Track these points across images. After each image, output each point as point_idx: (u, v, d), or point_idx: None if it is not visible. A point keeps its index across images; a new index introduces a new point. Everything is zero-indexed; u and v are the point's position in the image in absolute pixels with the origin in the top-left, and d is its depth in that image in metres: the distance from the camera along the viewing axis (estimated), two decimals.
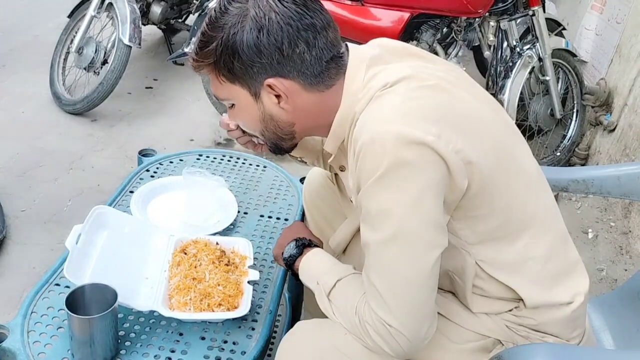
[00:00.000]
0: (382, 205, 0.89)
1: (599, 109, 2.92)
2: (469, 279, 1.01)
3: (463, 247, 0.99)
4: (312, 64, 0.96)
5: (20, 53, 3.68)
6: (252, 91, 0.99)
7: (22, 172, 2.55)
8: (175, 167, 1.62)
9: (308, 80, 0.97)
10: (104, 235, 1.20)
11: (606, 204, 2.69)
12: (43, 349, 1.04)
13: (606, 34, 3.02)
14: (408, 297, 0.91)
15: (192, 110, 3.27)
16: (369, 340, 0.96)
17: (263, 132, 1.06)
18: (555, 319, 1.03)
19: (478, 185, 0.93)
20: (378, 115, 0.91)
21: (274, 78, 0.96)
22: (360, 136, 0.90)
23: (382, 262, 0.91)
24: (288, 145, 1.09)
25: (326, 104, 1.00)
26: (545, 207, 1.04)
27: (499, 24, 2.74)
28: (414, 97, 0.91)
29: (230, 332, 1.11)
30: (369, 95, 0.94)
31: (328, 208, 1.40)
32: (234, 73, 0.97)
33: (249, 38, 0.93)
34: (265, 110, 1.01)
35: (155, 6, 3.47)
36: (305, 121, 1.03)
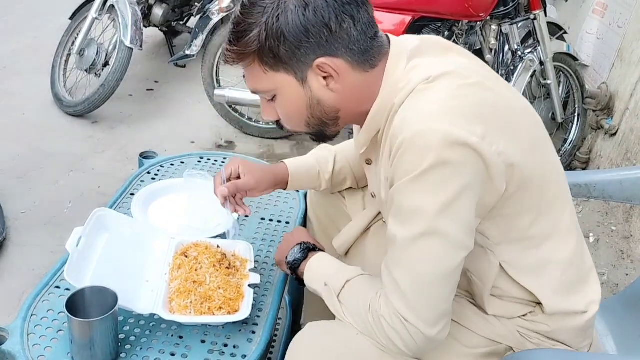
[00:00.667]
0: (416, 203, 0.88)
1: (600, 113, 2.92)
2: (489, 280, 1.01)
3: (489, 247, 0.99)
4: (358, 39, 0.93)
5: (21, 54, 3.68)
6: (299, 76, 0.95)
7: (23, 173, 2.55)
8: (176, 170, 1.61)
9: (355, 57, 0.94)
10: (104, 237, 1.19)
11: (607, 208, 2.69)
12: (43, 351, 1.03)
13: (607, 38, 3.02)
14: (429, 295, 0.91)
15: (193, 113, 3.27)
16: (382, 337, 0.96)
17: (309, 119, 1.01)
18: (569, 327, 1.03)
19: (516, 186, 0.92)
20: (422, 112, 0.89)
21: (324, 57, 0.93)
22: (402, 131, 0.88)
23: (407, 258, 0.91)
24: (332, 132, 1.06)
25: (369, 88, 0.98)
26: (571, 210, 1.04)
27: (501, 27, 2.74)
28: (459, 94, 0.90)
29: (231, 336, 1.11)
30: (410, 88, 0.93)
31: (333, 208, 1.40)
32: (279, 59, 0.93)
33: (294, 18, 0.90)
34: (313, 94, 0.97)
35: (156, 8, 3.47)
36: (350, 105, 1.00)
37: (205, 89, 3.01)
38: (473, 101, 0.91)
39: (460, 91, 0.90)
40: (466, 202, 0.88)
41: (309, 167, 1.32)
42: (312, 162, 1.33)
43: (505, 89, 1.01)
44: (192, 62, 3.16)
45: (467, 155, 0.86)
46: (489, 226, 0.96)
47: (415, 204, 0.88)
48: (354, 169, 1.34)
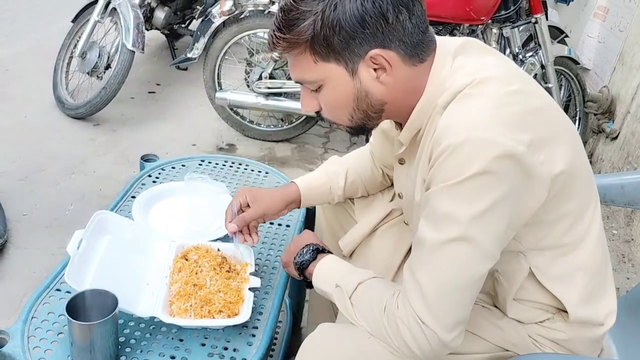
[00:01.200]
0: (452, 208, 0.88)
1: (601, 117, 2.92)
2: (516, 283, 1.01)
3: (522, 252, 0.99)
4: (412, 32, 0.92)
5: (23, 57, 3.69)
6: (350, 67, 0.94)
7: (24, 176, 2.55)
8: (177, 173, 1.61)
9: (407, 50, 0.93)
10: (105, 240, 1.19)
11: (608, 212, 2.68)
12: (43, 354, 1.03)
13: (609, 42, 3.02)
14: (450, 300, 0.91)
15: (195, 116, 3.27)
16: (396, 339, 0.95)
17: (353, 112, 0.99)
18: (585, 338, 1.03)
19: (557, 192, 0.92)
20: (470, 119, 0.88)
21: (378, 49, 0.91)
22: (447, 137, 0.87)
23: (433, 261, 0.91)
24: (373, 124, 1.03)
25: (416, 82, 0.96)
26: (599, 217, 1.04)
27: (502, 31, 2.74)
28: (505, 102, 0.89)
29: (231, 339, 1.11)
30: (455, 90, 0.92)
31: (342, 212, 1.39)
32: (332, 49, 0.91)
33: (352, 7, 0.88)
34: (362, 86, 0.95)
35: (158, 11, 3.48)
36: (396, 99, 0.98)
37: (207, 91, 3.01)
38: (519, 109, 0.90)
39: (506, 99, 0.90)
40: (501, 213, 0.88)
41: (320, 183, 1.32)
42: (323, 179, 1.32)
43: (543, 91, 1.00)
44: (193, 65, 3.16)
45: (510, 166, 0.85)
46: (525, 232, 0.96)
47: (450, 210, 0.88)
48: (364, 180, 1.34)
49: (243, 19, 2.81)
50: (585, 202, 1.00)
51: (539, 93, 0.98)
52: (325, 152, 3.01)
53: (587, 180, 1.01)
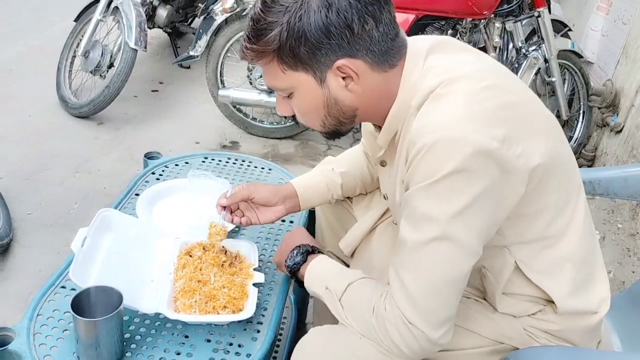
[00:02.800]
0: (430, 208, 0.88)
1: (605, 110, 2.91)
2: (503, 278, 1.01)
3: (506, 246, 0.99)
4: (380, 41, 0.92)
5: (27, 57, 3.70)
6: (318, 76, 0.94)
7: (29, 175, 2.56)
8: (180, 170, 1.62)
9: (375, 58, 0.93)
10: (109, 238, 1.20)
11: (613, 205, 2.67)
12: (49, 351, 1.04)
13: (612, 35, 3.01)
14: (436, 299, 0.91)
15: (198, 113, 3.27)
16: (386, 339, 0.96)
17: (325, 118, 1.01)
18: (579, 327, 1.03)
19: (535, 186, 0.92)
20: (443, 118, 0.88)
21: (344, 59, 0.92)
22: (422, 137, 0.88)
23: (416, 261, 0.91)
24: (347, 129, 1.05)
25: (387, 88, 0.97)
26: (585, 208, 1.04)
27: (505, 25, 2.73)
28: (477, 99, 0.89)
29: (236, 335, 1.11)
30: (427, 91, 0.92)
31: (340, 210, 1.40)
32: (299, 59, 0.92)
33: (317, 18, 0.88)
34: (331, 94, 0.97)
35: (160, 10, 3.49)
36: (368, 105, 0.99)
37: (210, 89, 3.02)
38: (491, 105, 0.90)
39: (477, 96, 0.90)
40: (480, 210, 0.88)
41: (316, 182, 1.32)
42: (318, 178, 1.32)
43: (519, 85, 1.00)
44: (196, 62, 3.17)
45: (486, 162, 0.86)
46: (507, 226, 0.96)
47: (429, 209, 0.88)
48: (361, 177, 1.34)
49: (245, 16, 2.81)
50: (567, 194, 0.99)
51: (513, 88, 0.97)
52: (328, 149, 3.01)
53: (569, 171, 1.00)
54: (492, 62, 1.03)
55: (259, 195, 1.24)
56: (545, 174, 0.93)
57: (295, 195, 1.29)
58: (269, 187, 1.27)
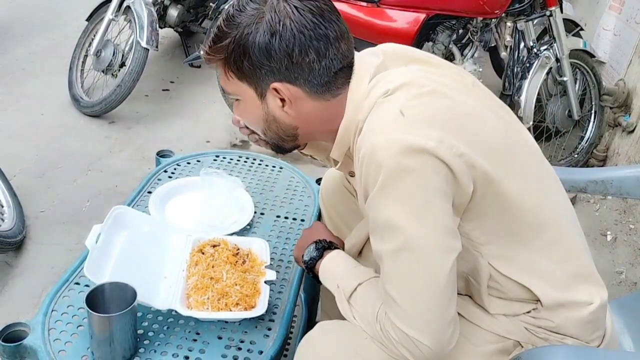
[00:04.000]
0: (388, 215, 0.89)
1: (617, 110, 2.89)
2: (483, 280, 1.01)
3: (475, 249, 0.98)
4: (320, 73, 0.96)
5: (39, 56, 3.73)
6: (259, 91, 1.00)
7: (41, 173, 2.58)
8: (192, 168, 1.63)
9: (314, 88, 0.98)
10: (123, 235, 1.21)
11: (625, 206, 2.66)
12: (63, 346, 1.05)
13: (625, 34, 2.99)
14: (427, 306, 0.90)
15: (209, 113, 3.29)
16: (391, 346, 0.96)
17: (265, 131, 1.07)
18: (574, 320, 1.02)
19: (484, 187, 0.92)
20: (378, 125, 0.91)
21: (281, 83, 0.97)
22: (362, 146, 0.91)
23: (396, 272, 0.91)
24: (290, 146, 1.10)
25: (330, 112, 1.01)
26: (562, 211, 1.03)
27: (516, 24, 2.72)
28: (414, 104, 0.91)
29: (248, 332, 1.12)
30: (371, 103, 0.95)
31: (345, 207, 1.40)
32: (242, 71, 0.98)
33: (261, 41, 0.94)
34: (269, 111, 1.02)
35: (172, 9, 3.50)
36: (309, 126, 1.04)
37: (220, 88, 3.02)
38: (428, 108, 0.92)
39: (415, 100, 0.92)
40: (438, 205, 0.88)
41: None
42: None
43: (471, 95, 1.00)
44: None
45: (425, 160, 0.86)
46: (470, 228, 0.96)
47: (388, 217, 0.89)
48: None
49: None
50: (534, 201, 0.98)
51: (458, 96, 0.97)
52: None
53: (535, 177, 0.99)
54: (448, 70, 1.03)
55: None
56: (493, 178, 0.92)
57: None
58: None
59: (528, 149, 1.04)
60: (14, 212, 2.16)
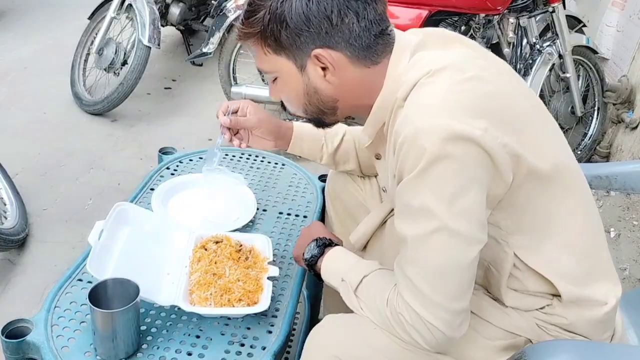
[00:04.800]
0: (424, 200, 0.88)
1: (620, 107, 2.88)
2: (505, 271, 1.00)
3: (503, 238, 0.98)
4: (360, 35, 0.94)
5: (41, 55, 3.74)
6: (298, 63, 0.98)
7: (44, 171, 2.59)
8: (195, 165, 1.63)
9: (355, 52, 0.95)
10: (125, 231, 1.21)
11: (629, 202, 2.65)
12: (66, 342, 1.05)
13: (628, 31, 2.98)
14: (445, 292, 0.90)
15: (211, 111, 3.28)
16: (403, 332, 0.95)
17: (306, 106, 1.04)
18: (587, 319, 1.02)
19: (522, 176, 0.92)
20: (423, 108, 0.89)
21: (322, 49, 0.94)
22: (404, 128, 0.88)
23: (420, 256, 0.91)
24: (330, 120, 1.07)
25: (370, 82, 0.99)
26: (587, 203, 1.03)
27: (519, 20, 2.71)
28: (459, 89, 0.90)
29: (251, 328, 1.12)
30: (411, 82, 0.93)
31: (352, 201, 1.40)
32: (280, 43, 0.96)
33: (297, 6, 0.92)
34: (310, 83, 0.99)
35: (173, 7, 3.50)
36: (349, 98, 1.01)
37: (222, 86, 3.02)
38: (474, 94, 0.90)
39: (459, 86, 0.90)
40: (474, 196, 0.88)
41: (314, 135, 1.36)
42: (320, 134, 1.36)
43: (506, 80, 1.00)
44: (209, 60, 3.17)
45: (470, 149, 0.85)
46: (501, 217, 0.96)
47: (423, 202, 0.88)
48: (359, 153, 1.35)
49: None
50: (564, 188, 0.98)
51: (499, 79, 0.97)
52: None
53: (565, 166, 0.99)
54: (482, 54, 1.03)
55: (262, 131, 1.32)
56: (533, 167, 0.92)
57: (289, 138, 1.37)
58: (272, 125, 1.33)
59: (559, 136, 1.04)
60: (16, 210, 2.16)
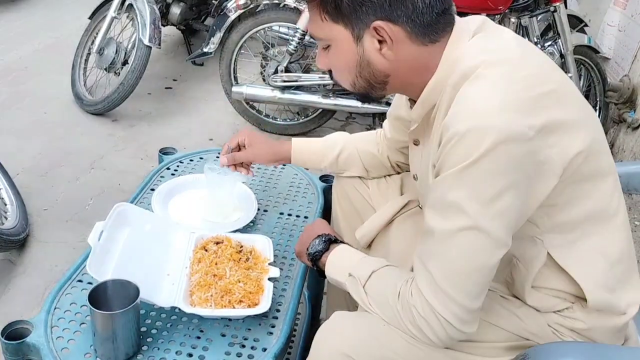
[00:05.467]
0: (460, 196, 0.87)
1: (622, 106, 2.88)
2: (535, 269, 1.00)
3: (538, 236, 0.97)
4: (423, 12, 0.92)
5: (42, 55, 3.73)
6: (355, 33, 0.95)
7: (45, 171, 2.58)
8: (195, 165, 1.62)
9: (416, 29, 0.93)
10: (125, 232, 1.20)
11: (630, 203, 2.64)
12: (66, 344, 1.04)
13: (629, 30, 2.97)
14: (462, 289, 0.90)
15: (211, 110, 3.28)
16: (412, 326, 0.95)
17: (355, 78, 1.01)
18: (606, 327, 1.01)
19: (570, 176, 0.91)
20: (478, 105, 0.87)
21: (382, 21, 0.92)
22: (456, 123, 0.87)
23: (444, 251, 0.90)
24: (378, 94, 1.05)
25: (425, 61, 0.97)
26: (623, 204, 1.02)
27: (520, 20, 2.71)
28: (516, 88, 0.88)
29: (251, 329, 1.11)
30: (466, 71, 0.91)
31: (359, 200, 1.39)
32: (340, 10, 0.93)
33: None
34: (365, 55, 0.97)
35: (174, 7, 3.50)
36: (401, 74, 0.99)
37: (223, 86, 3.02)
38: (529, 94, 0.88)
39: (517, 84, 0.88)
40: (511, 200, 0.87)
41: (314, 149, 1.37)
42: (319, 144, 1.37)
43: (559, 74, 0.98)
44: (209, 59, 3.17)
45: (519, 152, 0.85)
46: (540, 215, 0.95)
47: (459, 198, 0.87)
48: (364, 158, 1.35)
49: (258, 12, 2.81)
50: (605, 186, 0.98)
51: (555, 76, 0.95)
52: None
53: (606, 165, 0.99)
54: (532, 48, 1.01)
55: (258, 160, 1.38)
56: (582, 165, 0.92)
57: (289, 154, 1.38)
58: (268, 155, 1.38)
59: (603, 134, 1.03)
60: (17, 210, 2.16)
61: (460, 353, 1.02)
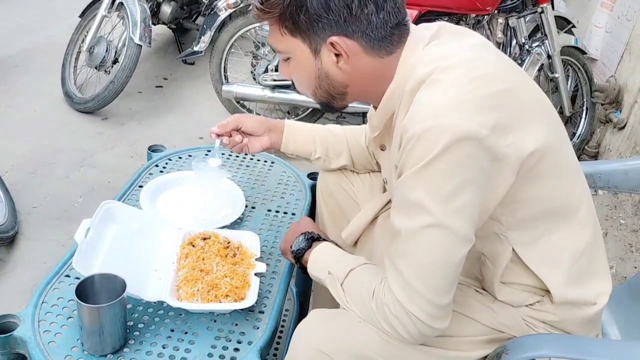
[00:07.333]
0: (420, 195, 0.89)
1: (608, 107, 2.91)
2: (501, 265, 1.02)
3: (502, 233, 0.99)
4: (378, 27, 0.95)
5: (32, 53, 3.72)
6: (313, 47, 0.99)
7: (34, 169, 2.58)
8: (184, 163, 1.63)
9: (371, 43, 0.97)
10: (112, 229, 1.21)
11: (616, 201, 2.68)
12: (53, 337, 1.05)
13: (616, 31, 3.01)
14: (432, 285, 0.92)
15: (202, 109, 3.29)
16: (386, 324, 0.97)
17: (316, 89, 1.05)
18: (577, 318, 1.03)
19: (528, 173, 0.93)
20: (433, 106, 0.89)
21: (338, 36, 0.96)
22: (412, 125, 0.89)
23: (411, 249, 0.92)
24: (339, 105, 1.09)
25: (382, 72, 1.00)
26: (587, 199, 1.05)
27: (508, 21, 2.73)
28: (469, 88, 0.90)
29: (238, 323, 1.12)
30: (421, 77, 0.93)
31: (344, 198, 1.41)
32: (297, 26, 0.97)
33: None
34: (323, 67, 1.01)
35: (165, 6, 3.50)
36: (359, 85, 1.03)
37: (213, 85, 3.03)
38: (482, 93, 0.91)
39: (469, 85, 0.91)
40: (471, 196, 0.89)
41: (307, 132, 1.38)
42: (310, 128, 1.39)
43: (518, 75, 1.01)
44: (200, 58, 3.18)
45: (474, 149, 0.87)
46: (502, 212, 0.97)
47: (420, 197, 0.89)
48: (352, 149, 1.37)
49: (249, 11, 2.82)
50: (566, 183, 1.00)
51: (509, 77, 0.97)
52: None
53: (567, 161, 1.01)
54: (491, 49, 1.03)
55: (248, 124, 1.35)
56: (539, 162, 0.93)
57: (281, 131, 1.37)
58: (258, 117, 1.37)
59: (564, 132, 1.05)
60: (6, 207, 2.16)
61: (437, 349, 1.03)
